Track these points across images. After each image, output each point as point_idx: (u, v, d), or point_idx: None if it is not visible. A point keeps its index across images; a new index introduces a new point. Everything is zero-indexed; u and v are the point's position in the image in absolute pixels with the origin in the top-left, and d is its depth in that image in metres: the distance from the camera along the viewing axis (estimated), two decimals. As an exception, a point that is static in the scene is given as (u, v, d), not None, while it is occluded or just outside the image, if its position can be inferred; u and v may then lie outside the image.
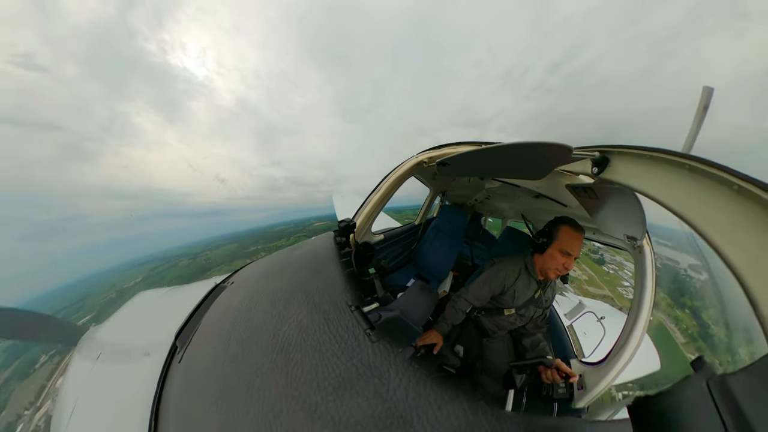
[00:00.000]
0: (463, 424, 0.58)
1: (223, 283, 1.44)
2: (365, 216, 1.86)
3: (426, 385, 0.63)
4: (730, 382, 0.39)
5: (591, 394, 1.47)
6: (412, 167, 1.75)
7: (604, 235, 1.80)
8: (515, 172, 1.49)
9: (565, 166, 1.24)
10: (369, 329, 0.79)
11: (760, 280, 0.47)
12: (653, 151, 0.80)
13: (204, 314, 1.19)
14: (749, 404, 0.36)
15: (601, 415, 1.67)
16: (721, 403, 0.38)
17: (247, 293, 1.14)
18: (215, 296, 1.30)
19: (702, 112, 0.73)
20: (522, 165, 1.31)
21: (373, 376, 0.66)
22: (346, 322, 0.82)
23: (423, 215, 3.91)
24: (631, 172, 0.89)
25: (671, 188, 0.74)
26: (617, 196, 1.07)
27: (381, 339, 0.76)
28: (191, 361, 0.99)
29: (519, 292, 1.74)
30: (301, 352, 0.75)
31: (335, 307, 0.89)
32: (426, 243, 3.57)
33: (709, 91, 0.72)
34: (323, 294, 0.97)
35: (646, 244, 1.42)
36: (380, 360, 0.70)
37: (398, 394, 0.62)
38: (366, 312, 0.90)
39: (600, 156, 0.99)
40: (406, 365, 0.68)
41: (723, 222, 0.57)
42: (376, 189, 1.83)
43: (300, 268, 1.21)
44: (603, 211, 1.27)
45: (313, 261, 1.26)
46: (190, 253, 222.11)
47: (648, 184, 0.83)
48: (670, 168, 0.75)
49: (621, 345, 1.49)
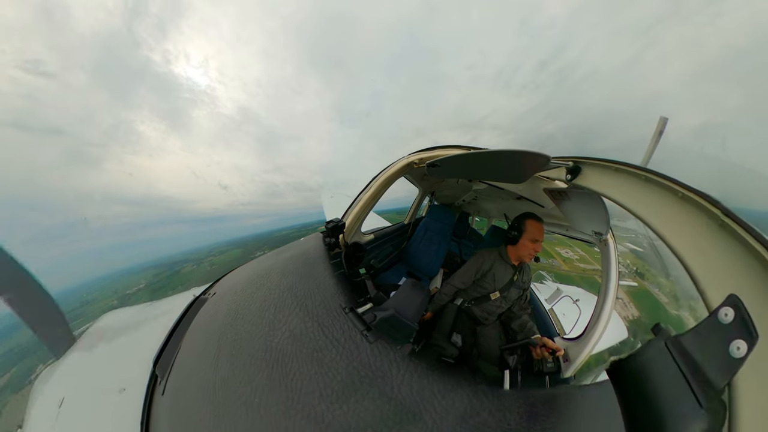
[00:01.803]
0: (469, 408, 0.63)
1: (204, 294, 1.30)
2: (355, 216, 1.83)
3: (429, 378, 0.66)
4: (682, 341, 0.50)
5: (575, 364, 1.65)
6: (402, 167, 1.77)
7: (575, 231, 2.04)
8: (500, 175, 1.60)
9: (543, 172, 1.37)
10: (365, 330, 0.78)
11: (699, 264, 0.58)
12: (617, 163, 0.93)
13: (185, 333, 1.06)
14: (698, 355, 0.48)
15: (586, 380, 1.87)
16: (678, 357, 0.49)
17: (232, 304, 1.05)
18: (196, 311, 1.17)
19: (658, 136, 0.86)
20: (506, 170, 1.42)
21: (375, 377, 0.66)
22: (342, 326, 0.80)
23: (412, 214, 3.99)
24: (599, 180, 1.03)
25: (630, 194, 0.87)
26: (586, 199, 1.23)
27: (378, 339, 0.76)
28: (176, 391, 0.87)
29: (498, 275, 1.97)
30: (298, 362, 0.71)
31: (329, 311, 0.86)
32: (416, 241, 3.65)
33: (665, 120, 0.85)
34: (315, 298, 0.93)
35: (610, 238, 1.61)
36: (380, 360, 0.70)
37: (403, 390, 0.63)
38: (361, 313, 0.89)
39: (573, 165, 1.12)
40: (407, 362, 0.70)
41: (670, 221, 0.70)
42: (366, 188, 1.82)
43: (288, 271, 1.14)
44: (574, 211, 1.44)
45: (303, 264, 1.20)
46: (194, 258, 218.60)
47: (612, 190, 0.96)
48: (630, 178, 0.88)
49: (594, 321, 1.71)
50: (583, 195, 1.22)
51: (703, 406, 0.43)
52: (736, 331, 0.46)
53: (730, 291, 0.49)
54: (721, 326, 0.47)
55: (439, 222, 3.75)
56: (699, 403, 0.43)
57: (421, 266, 3.51)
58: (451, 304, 2.12)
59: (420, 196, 3.89)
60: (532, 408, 0.71)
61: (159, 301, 1.83)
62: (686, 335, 0.51)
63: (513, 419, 0.65)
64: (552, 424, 0.70)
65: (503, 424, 0.63)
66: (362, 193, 1.82)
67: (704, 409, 0.43)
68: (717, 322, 0.48)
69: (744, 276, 0.49)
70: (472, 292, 2.06)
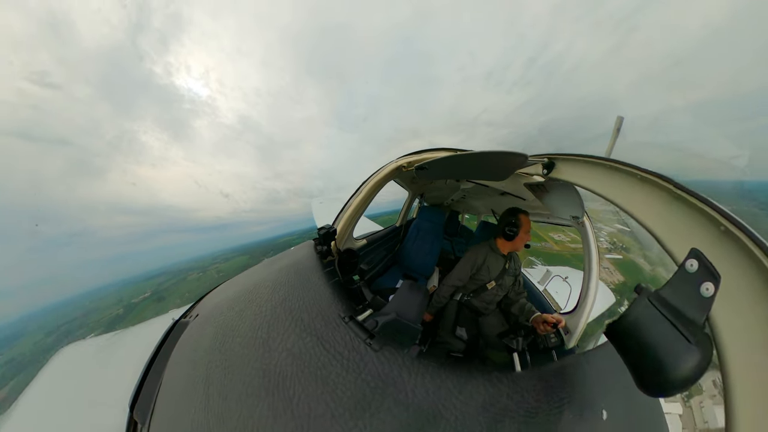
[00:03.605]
0: (487, 397, 0.64)
1: (185, 317, 1.16)
2: (346, 221, 1.79)
3: (442, 376, 0.66)
4: (661, 293, 0.58)
5: (575, 334, 1.76)
6: (391, 171, 1.77)
7: (555, 218, 2.24)
8: (484, 174, 1.70)
9: (522, 169, 1.47)
10: (368, 339, 0.75)
11: (662, 230, 0.68)
12: (585, 156, 1.05)
13: (165, 365, 0.90)
14: (677, 301, 0.55)
15: (589, 346, 1.93)
16: (661, 307, 0.56)
17: (219, 326, 0.92)
18: (176, 337, 1.02)
19: (616, 132, 1.00)
20: (490, 169, 1.52)
21: (387, 386, 0.63)
22: (343, 337, 0.76)
23: (403, 217, 4.06)
24: (571, 172, 1.14)
25: (598, 181, 0.98)
26: (562, 189, 1.37)
27: (384, 346, 0.73)
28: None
29: (491, 266, 2.08)
30: (301, 384, 0.65)
31: (327, 323, 0.81)
32: (409, 243, 3.71)
33: (621, 119, 0.99)
34: (311, 310, 0.86)
35: (586, 219, 1.78)
36: (389, 367, 0.67)
37: (418, 394, 0.62)
38: (361, 321, 0.85)
39: (548, 161, 1.23)
40: (417, 364, 0.68)
41: (633, 199, 0.80)
42: (356, 193, 1.80)
43: (280, 284, 1.05)
44: (553, 200, 1.56)
45: (295, 274, 1.12)
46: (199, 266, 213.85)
47: (583, 180, 1.07)
48: (596, 167, 1.00)
49: (584, 293, 1.85)
50: (558, 186, 1.35)
51: (692, 342, 0.50)
52: (702, 276, 0.54)
53: (691, 246, 0.58)
54: (690, 275, 0.55)
55: (430, 222, 3.83)
56: (688, 340, 0.50)
57: (417, 267, 3.55)
58: (451, 299, 2.18)
59: (410, 198, 3.97)
60: (547, 382, 0.75)
61: (129, 329, 1.49)
62: (664, 288, 0.58)
63: (531, 397, 0.68)
64: (568, 392, 0.75)
65: (523, 404, 0.66)
66: (352, 198, 1.80)
67: (694, 344, 0.49)
68: (686, 273, 0.56)
69: (700, 233, 0.59)
70: (470, 285, 2.15)
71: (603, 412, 0.76)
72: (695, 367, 0.49)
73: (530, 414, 0.65)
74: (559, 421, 0.67)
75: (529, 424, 0.63)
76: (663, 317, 0.54)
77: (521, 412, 0.65)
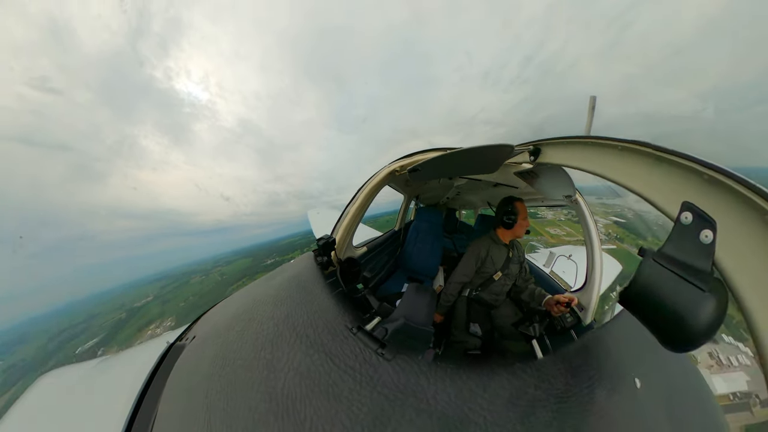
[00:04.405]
0: (513, 391, 0.61)
1: (180, 340, 1.08)
2: (344, 230, 1.77)
3: (462, 377, 0.62)
4: (664, 251, 0.59)
5: (590, 309, 1.75)
6: (385, 176, 1.77)
7: (549, 200, 2.29)
8: (475, 169, 1.74)
9: (511, 159, 1.51)
10: (380, 348, 0.71)
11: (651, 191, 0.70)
12: (567, 138, 1.10)
13: (160, 393, 0.82)
14: (681, 255, 0.56)
15: (606, 317, 1.94)
16: (667, 264, 0.56)
17: (219, 348, 0.86)
18: (172, 362, 0.93)
19: (591, 111, 1.05)
20: (479, 163, 1.56)
21: (406, 396, 0.59)
22: (353, 349, 0.71)
23: (401, 220, 4.08)
24: (556, 155, 1.18)
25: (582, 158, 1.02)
26: (550, 172, 1.41)
27: (397, 354, 0.69)
28: None
29: (495, 257, 2.09)
30: (312, 405, 0.59)
31: (335, 336, 0.76)
32: (409, 246, 3.71)
33: (593, 98, 1.04)
34: (317, 324, 0.82)
35: (579, 197, 1.80)
36: (406, 375, 0.63)
37: (440, 400, 0.58)
38: (370, 330, 0.82)
39: (534, 148, 1.28)
40: (434, 368, 0.65)
41: (618, 169, 0.82)
42: (352, 201, 1.79)
43: (281, 300, 1.00)
44: (543, 184, 1.60)
45: (296, 288, 1.08)
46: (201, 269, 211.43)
47: (568, 160, 1.11)
48: (578, 146, 1.04)
49: (591, 266, 1.85)
50: (547, 169, 1.39)
51: (705, 289, 0.50)
52: (698, 225, 0.55)
53: (681, 200, 0.59)
54: (687, 227, 0.57)
55: (429, 222, 3.85)
56: (701, 288, 0.50)
57: (420, 268, 3.54)
58: (460, 296, 2.16)
59: (406, 201, 4.01)
60: (572, 363, 0.73)
61: (118, 355, 1.33)
62: (666, 246, 0.59)
63: (559, 382, 0.66)
64: (595, 369, 0.73)
65: (552, 391, 0.63)
66: (349, 206, 1.80)
67: (707, 291, 0.50)
68: (682, 225, 0.57)
69: (686, 186, 0.60)
70: (477, 280, 2.14)
71: (636, 380, 0.74)
72: (714, 313, 0.49)
73: (561, 399, 0.63)
74: (593, 400, 0.65)
75: (562, 410, 0.61)
76: (672, 273, 0.54)
77: (552, 400, 0.62)
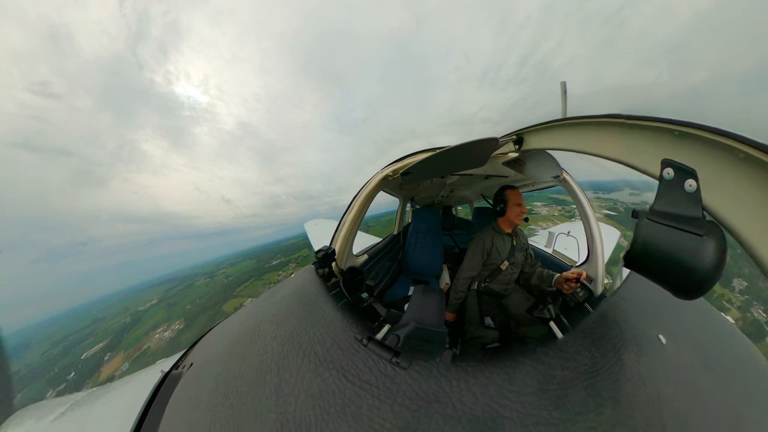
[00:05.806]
0: (540, 375, 0.58)
1: (176, 368, 1.00)
2: (343, 239, 1.74)
3: (485, 373, 0.59)
4: (655, 208, 0.61)
5: (599, 279, 1.76)
6: (379, 182, 1.77)
7: (539, 184, 2.37)
8: (465, 164, 1.78)
9: (497, 150, 1.56)
10: (394, 357, 0.67)
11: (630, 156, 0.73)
12: (545, 123, 1.15)
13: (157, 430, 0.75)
14: (672, 208, 0.58)
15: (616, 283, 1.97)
16: (661, 219, 0.59)
17: (219, 375, 0.80)
18: (168, 393, 0.85)
19: (564, 95, 1.11)
20: (468, 158, 1.60)
21: (429, 404, 0.56)
22: (365, 362, 0.67)
23: (399, 224, 4.11)
24: (538, 140, 1.24)
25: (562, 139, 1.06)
26: (536, 157, 1.46)
27: (412, 361, 0.65)
28: None
29: (500, 247, 2.11)
30: (329, 428, 0.55)
31: (344, 350, 0.72)
32: (410, 248, 3.73)
33: (564, 84, 1.10)
34: (324, 340, 0.77)
35: (566, 175, 1.85)
36: (426, 382, 0.59)
37: (466, 401, 0.55)
38: (381, 339, 0.78)
39: (517, 137, 1.33)
40: (454, 369, 0.61)
41: (597, 142, 0.86)
42: (348, 210, 1.78)
43: (284, 318, 0.95)
44: (531, 169, 1.65)
45: (299, 304, 1.03)
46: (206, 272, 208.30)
47: (549, 143, 1.16)
48: (556, 129, 1.09)
49: (591, 238, 1.89)
50: (532, 155, 1.44)
51: (702, 234, 0.52)
52: (681, 177, 0.58)
53: (660, 158, 0.62)
54: (671, 181, 0.60)
55: (427, 222, 3.88)
56: (698, 234, 0.52)
57: (424, 269, 3.55)
58: (469, 291, 2.15)
59: (401, 204, 4.05)
60: (593, 336, 0.72)
61: (106, 386, 1.19)
62: (656, 203, 0.61)
63: (585, 357, 0.64)
64: (618, 336, 0.73)
65: (580, 368, 0.62)
66: (345, 215, 1.79)
67: (704, 234, 0.52)
68: (666, 181, 0.60)
69: (661, 146, 0.64)
70: (484, 272, 2.14)
71: (660, 337, 0.74)
72: (716, 253, 0.51)
73: (591, 374, 0.61)
74: (623, 367, 0.64)
75: (594, 384, 0.59)
76: (668, 227, 0.57)
77: (582, 377, 0.60)
